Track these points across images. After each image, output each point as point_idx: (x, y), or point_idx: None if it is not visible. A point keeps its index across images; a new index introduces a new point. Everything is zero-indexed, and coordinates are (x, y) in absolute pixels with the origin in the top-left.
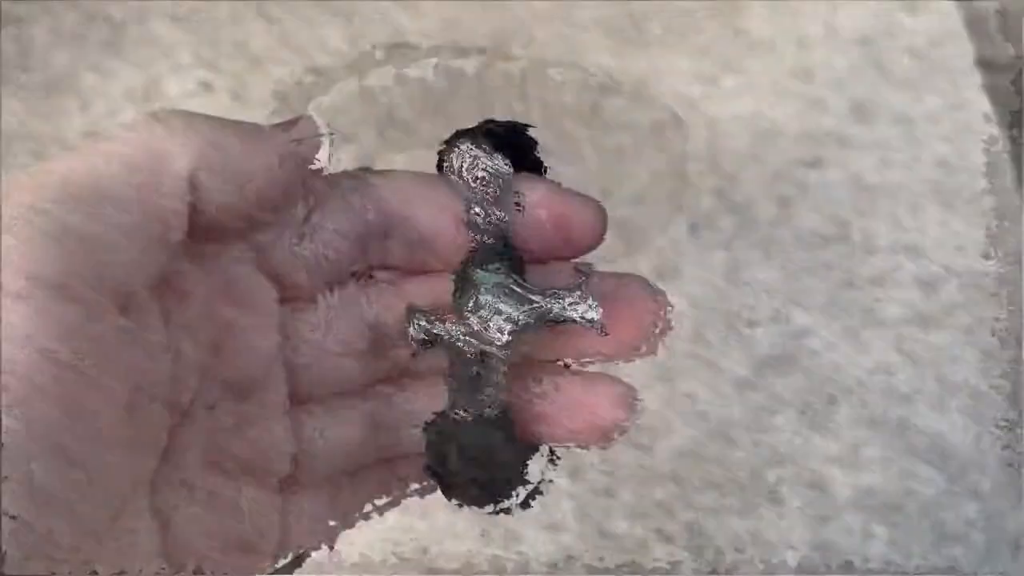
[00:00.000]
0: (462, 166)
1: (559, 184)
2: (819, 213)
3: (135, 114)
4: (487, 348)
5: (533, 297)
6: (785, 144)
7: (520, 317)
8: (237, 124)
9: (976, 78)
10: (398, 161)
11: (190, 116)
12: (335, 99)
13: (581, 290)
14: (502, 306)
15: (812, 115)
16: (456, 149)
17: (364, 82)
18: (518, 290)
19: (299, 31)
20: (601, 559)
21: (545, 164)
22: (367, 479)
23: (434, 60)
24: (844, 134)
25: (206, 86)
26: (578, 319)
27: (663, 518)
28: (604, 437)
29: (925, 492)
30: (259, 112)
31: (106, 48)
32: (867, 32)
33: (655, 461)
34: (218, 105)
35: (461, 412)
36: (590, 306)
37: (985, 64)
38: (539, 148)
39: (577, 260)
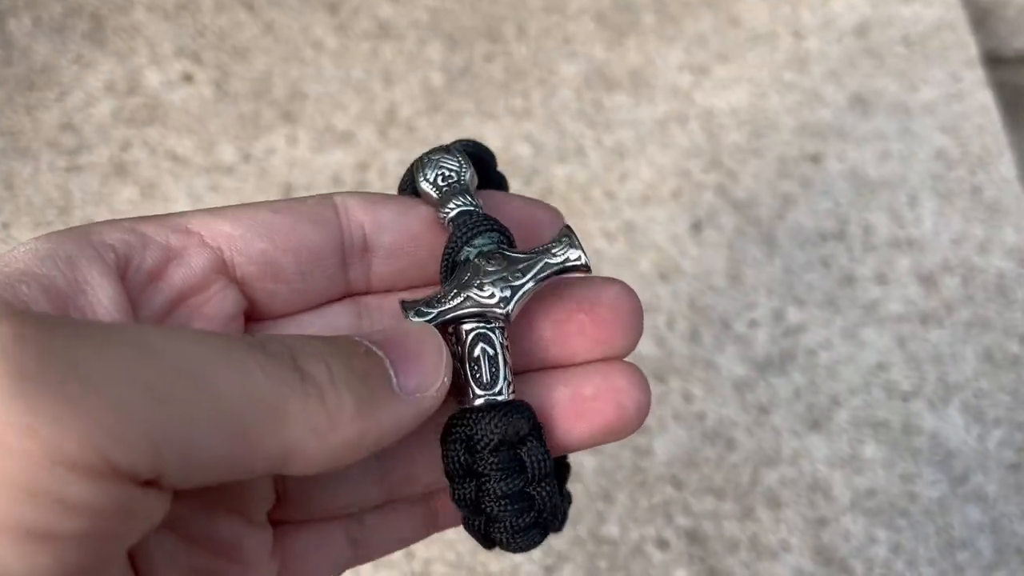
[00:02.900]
0: (424, 175)
1: (517, 195)
2: (819, 209)
3: None
4: (490, 312)
5: (522, 255)
6: (784, 137)
7: (515, 276)
8: (360, 400)
9: (974, 68)
10: (393, 158)
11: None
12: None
13: (568, 237)
14: (495, 270)
15: (810, 107)
16: (414, 166)
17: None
18: (508, 253)
19: (283, 21)
20: (595, 565)
21: (507, 180)
22: (399, 519)
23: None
24: (842, 126)
25: (188, 77)
26: (569, 265)
27: (660, 523)
28: (632, 421)
29: (929, 495)
30: (242, 104)
31: (88, 39)
32: (863, 21)
33: (652, 463)
34: (200, 96)
35: (475, 402)
36: (575, 247)
37: (988, 56)
38: (497, 165)
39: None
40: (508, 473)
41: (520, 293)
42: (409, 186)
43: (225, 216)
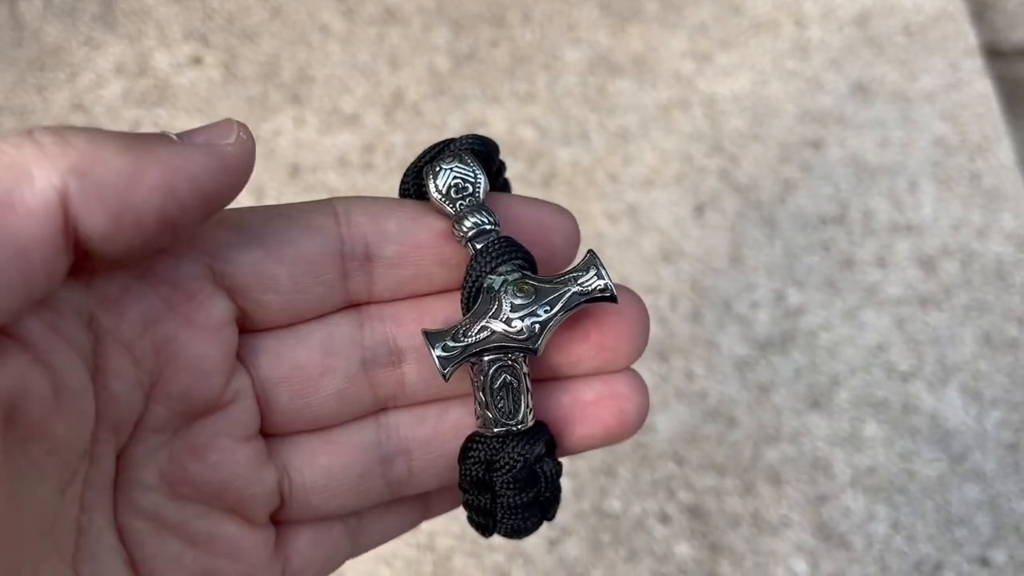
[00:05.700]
0: (435, 185)
1: (529, 197)
2: (820, 193)
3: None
4: (518, 346)
5: (548, 285)
6: (785, 123)
7: (543, 308)
8: (125, 140)
9: (974, 57)
10: (399, 140)
11: (65, 132)
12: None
13: (595, 265)
14: (522, 303)
15: (811, 94)
16: (423, 171)
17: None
18: (534, 282)
19: (291, 5)
20: (598, 539)
21: (509, 180)
22: (397, 511)
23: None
24: (843, 113)
25: (197, 60)
26: (597, 295)
27: (662, 498)
28: (633, 426)
29: (927, 473)
30: (251, 87)
31: (98, 21)
32: (864, 11)
33: (654, 440)
34: (209, 79)
35: (496, 428)
36: (602, 277)
37: (986, 49)
38: (504, 165)
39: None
40: (524, 487)
41: (548, 327)
42: (413, 185)
43: (211, 219)
